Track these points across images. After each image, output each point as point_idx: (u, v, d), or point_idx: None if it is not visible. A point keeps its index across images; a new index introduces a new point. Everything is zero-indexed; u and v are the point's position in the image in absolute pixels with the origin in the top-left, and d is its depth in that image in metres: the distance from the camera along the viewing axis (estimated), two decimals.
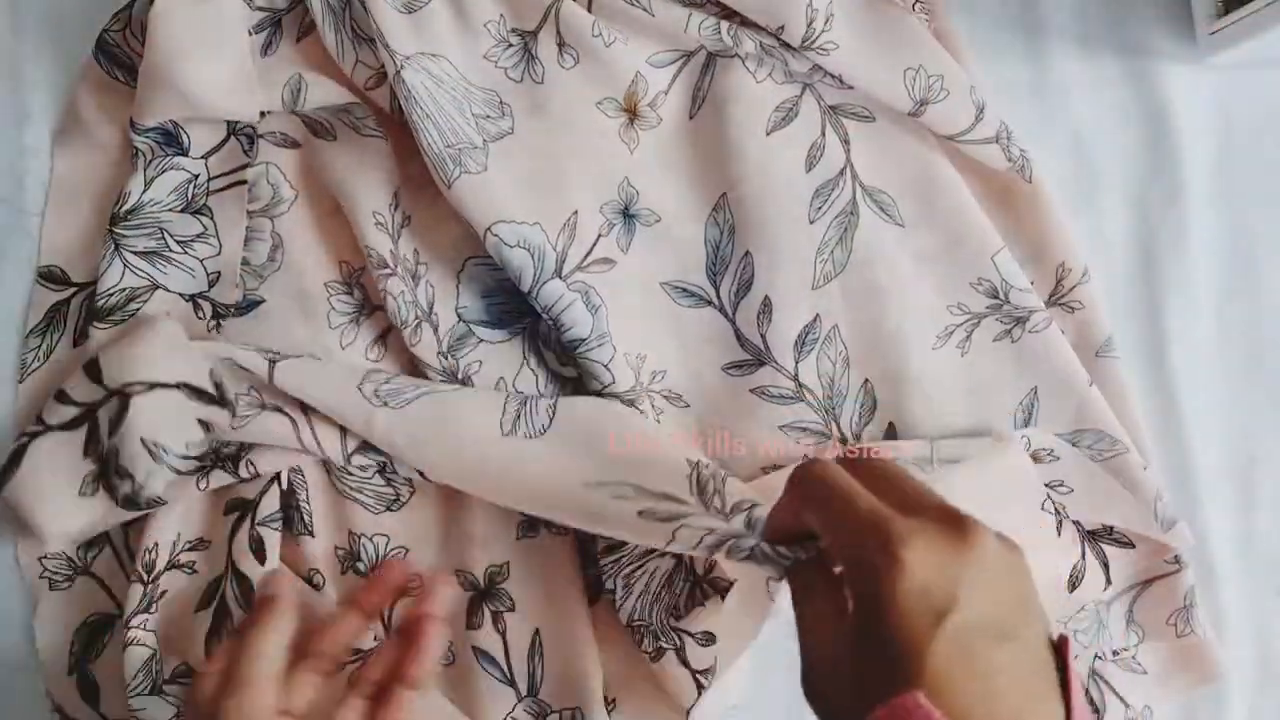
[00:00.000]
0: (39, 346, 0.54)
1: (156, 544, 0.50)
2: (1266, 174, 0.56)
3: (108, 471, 0.48)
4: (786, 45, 0.53)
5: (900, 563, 0.32)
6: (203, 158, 0.52)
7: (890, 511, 0.34)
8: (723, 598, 0.48)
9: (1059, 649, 0.33)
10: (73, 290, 0.53)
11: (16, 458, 0.48)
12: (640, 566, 0.50)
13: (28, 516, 0.49)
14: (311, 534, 0.51)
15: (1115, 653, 0.52)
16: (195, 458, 0.49)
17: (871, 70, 0.51)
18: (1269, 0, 0.50)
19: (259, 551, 0.50)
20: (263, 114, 0.52)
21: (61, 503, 0.48)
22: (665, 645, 0.50)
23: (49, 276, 0.54)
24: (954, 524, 0.33)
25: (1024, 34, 0.56)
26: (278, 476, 0.51)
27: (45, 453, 0.48)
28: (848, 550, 0.34)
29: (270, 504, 0.50)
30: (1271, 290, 0.55)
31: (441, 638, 0.44)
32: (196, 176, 0.52)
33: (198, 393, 0.48)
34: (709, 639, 0.48)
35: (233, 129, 0.52)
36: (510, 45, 0.53)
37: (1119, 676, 0.52)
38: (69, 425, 0.48)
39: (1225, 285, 0.55)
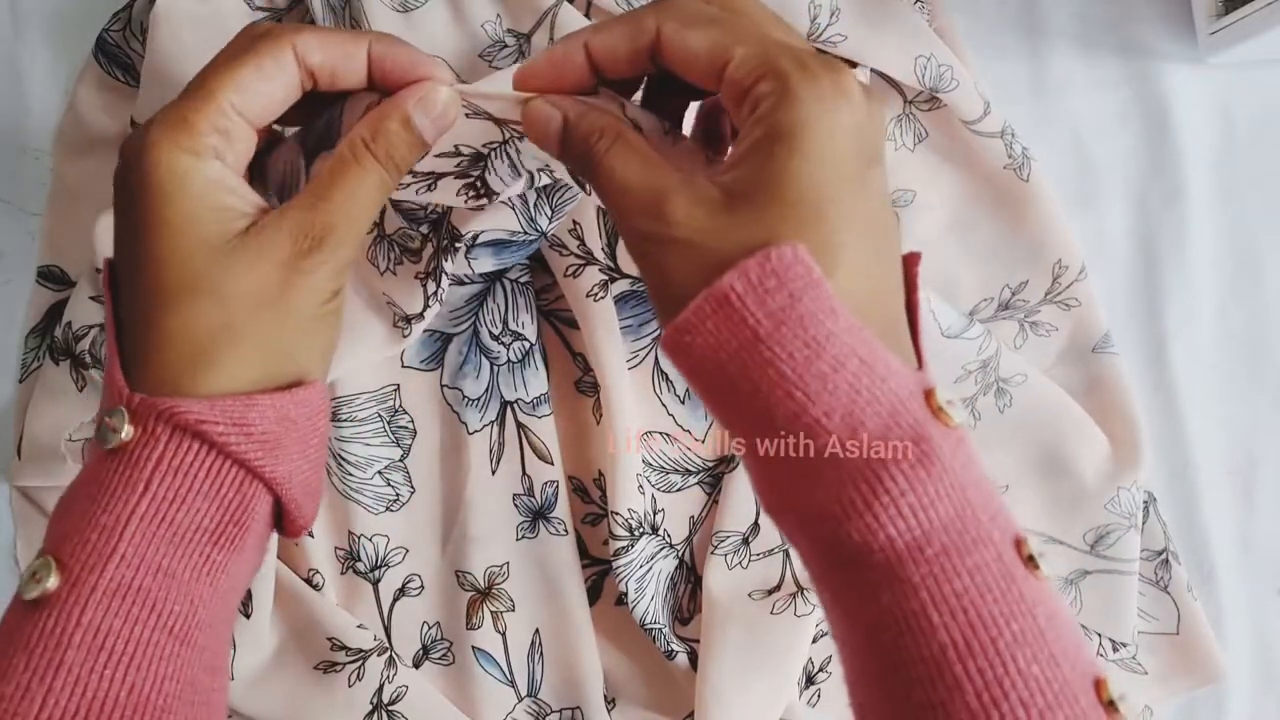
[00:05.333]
0: (38, 346, 0.54)
1: None
2: (1267, 173, 0.56)
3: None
4: None
5: (847, 95, 0.28)
6: None
7: (804, 47, 0.30)
8: None
9: (908, 262, 0.31)
10: (72, 290, 0.53)
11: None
12: (648, 570, 0.50)
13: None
14: (311, 534, 0.51)
15: (1116, 651, 0.52)
16: None
17: (883, 55, 0.51)
18: (1269, 0, 0.50)
19: None
20: None
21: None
22: (676, 649, 0.50)
23: (48, 276, 0.54)
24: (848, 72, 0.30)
25: (1024, 33, 0.56)
26: None
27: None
28: (762, 67, 0.28)
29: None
30: (1272, 289, 0.55)
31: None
32: None
33: None
34: None
35: None
36: (506, 46, 0.53)
37: (1120, 677, 0.52)
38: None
39: (1225, 284, 0.55)
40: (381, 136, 0.32)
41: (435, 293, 0.48)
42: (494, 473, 0.51)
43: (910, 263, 0.31)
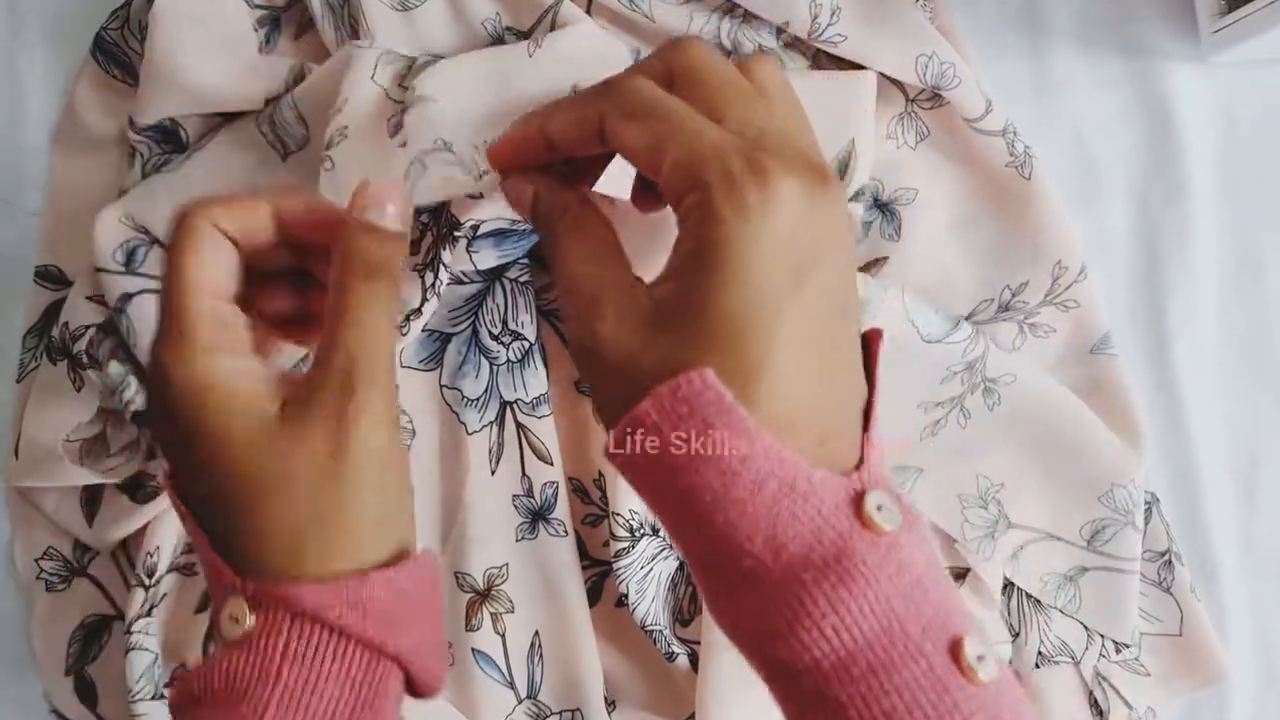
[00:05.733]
0: (36, 346, 0.53)
1: (158, 547, 0.50)
2: (1270, 172, 0.56)
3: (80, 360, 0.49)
4: (788, 45, 0.53)
5: (774, 204, 0.27)
6: None
7: (744, 141, 0.28)
8: None
9: (869, 340, 0.30)
10: (69, 290, 0.53)
11: None
12: (649, 572, 0.50)
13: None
14: None
15: (1118, 651, 0.52)
16: None
17: (884, 55, 0.51)
18: None
19: None
20: (267, 101, 0.52)
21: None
22: (677, 650, 0.49)
23: (46, 276, 0.54)
24: (809, 161, 0.29)
25: (1026, 32, 0.56)
26: None
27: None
28: (689, 179, 0.28)
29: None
30: (1275, 288, 0.55)
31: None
32: None
33: None
34: None
35: (228, 120, 0.53)
36: (505, 44, 0.52)
37: (1122, 678, 0.52)
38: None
39: (1228, 284, 0.55)
40: (353, 256, 0.32)
41: (433, 284, 0.48)
42: (493, 473, 0.51)
43: (871, 341, 0.30)
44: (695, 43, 0.31)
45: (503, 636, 0.51)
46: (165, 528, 0.50)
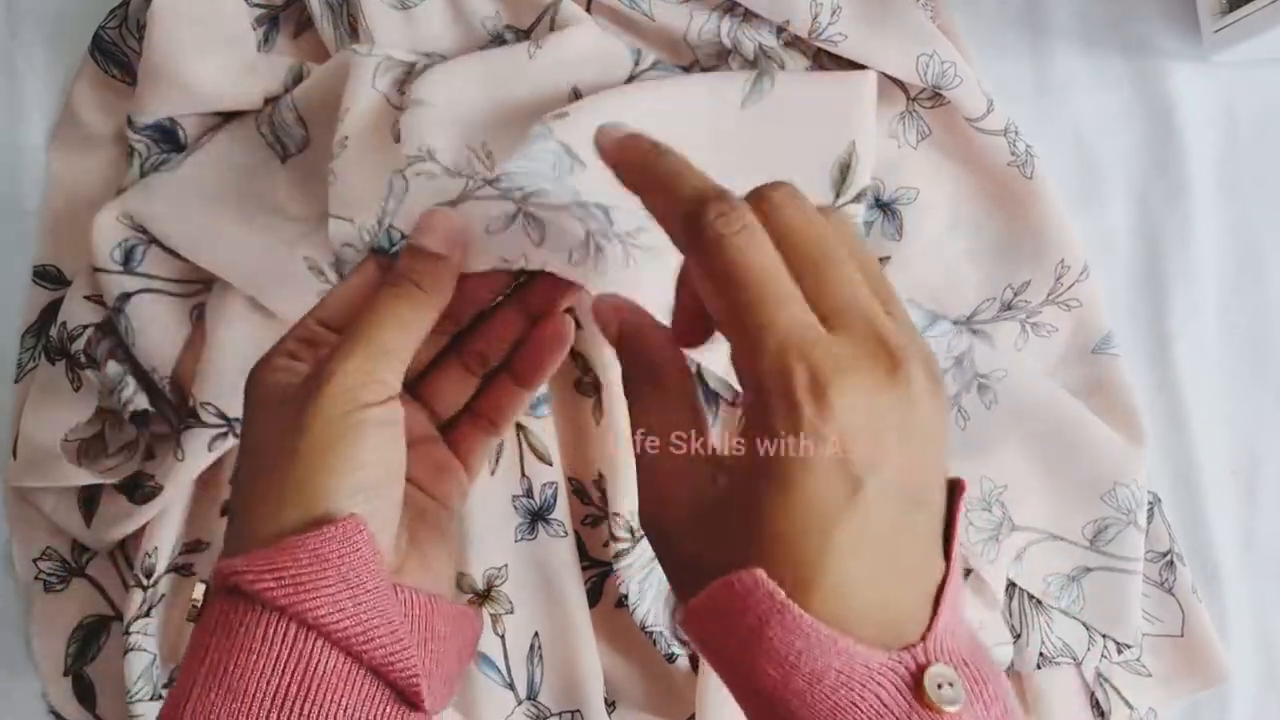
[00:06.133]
0: (34, 346, 0.53)
1: (156, 547, 0.50)
2: (1271, 171, 0.56)
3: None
4: (788, 44, 0.52)
5: (826, 415, 0.26)
6: None
7: (812, 320, 0.27)
8: None
9: (953, 492, 0.29)
10: (68, 290, 0.53)
11: None
12: (649, 572, 0.50)
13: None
14: None
15: (1120, 651, 0.52)
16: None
17: (885, 54, 0.51)
18: None
19: None
20: (266, 101, 0.52)
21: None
22: (677, 652, 0.49)
23: (44, 275, 0.54)
24: (883, 347, 0.27)
25: (1027, 32, 0.56)
26: None
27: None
28: (752, 376, 0.27)
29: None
30: (1276, 288, 0.55)
31: (570, 336, 0.38)
32: None
33: None
34: None
35: (226, 119, 0.53)
36: (504, 43, 0.52)
37: (1124, 678, 0.52)
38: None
39: (1229, 283, 0.55)
40: (391, 267, 0.34)
41: None
42: (492, 474, 0.51)
43: (954, 509, 0.29)
44: (788, 196, 0.29)
45: (502, 638, 0.51)
46: (164, 528, 0.50)
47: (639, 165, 0.31)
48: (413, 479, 0.35)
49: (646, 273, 0.43)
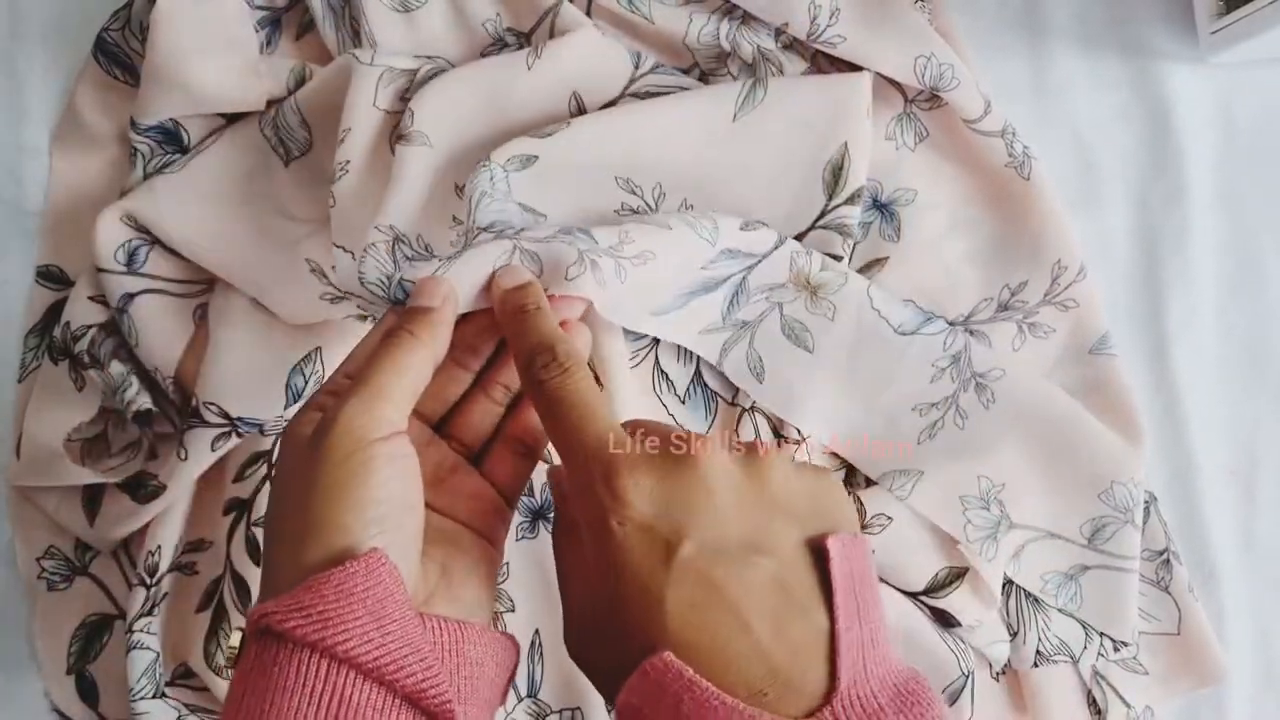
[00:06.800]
0: (37, 346, 0.53)
1: (159, 546, 0.50)
2: (1269, 173, 0.56)
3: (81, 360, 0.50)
4: (786, 46, 0.53)
5: (620, 500, 0.31)
6: None
7: (615, 428, 0.33)
8: None
9: (821, 553, 0.31)
10: (71, 290, 0.53)
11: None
12: None
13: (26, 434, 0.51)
14: None
15: (1117, 650, 0.52)
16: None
17: (883, 56, 0.51)
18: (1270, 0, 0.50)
19: (255, 553, 0.50)
20: (269, 103, 0.52)
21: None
22: None
23: (48, 276, 0.54)
24: (671, 443, 0.32)
25: (1025, 33, 0.56)
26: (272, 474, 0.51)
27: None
28: (575, 484, 0.33)
29: (266, 503, 0.50)
30: (1274, 289, 0.55)
31: (587, 343, 0.41)
32: None
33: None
34: None
35: (230, 121, 0.53)
36: (506, 45, 0.53)
37: (1121, 677, 0.52)
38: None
39: (1227, 285, 0.55)
40: (394, 323, 0.37)
41: None
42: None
43: (824, 559, 0.31)
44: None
45: None
46: (166, 527, 0.51)
47: (510, 315, 0.37)
48: (444, 510, 0.36)
49: (636, 278, 0.43)
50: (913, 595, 0.51)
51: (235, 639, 0.32)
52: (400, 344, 0.35)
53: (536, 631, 0.51)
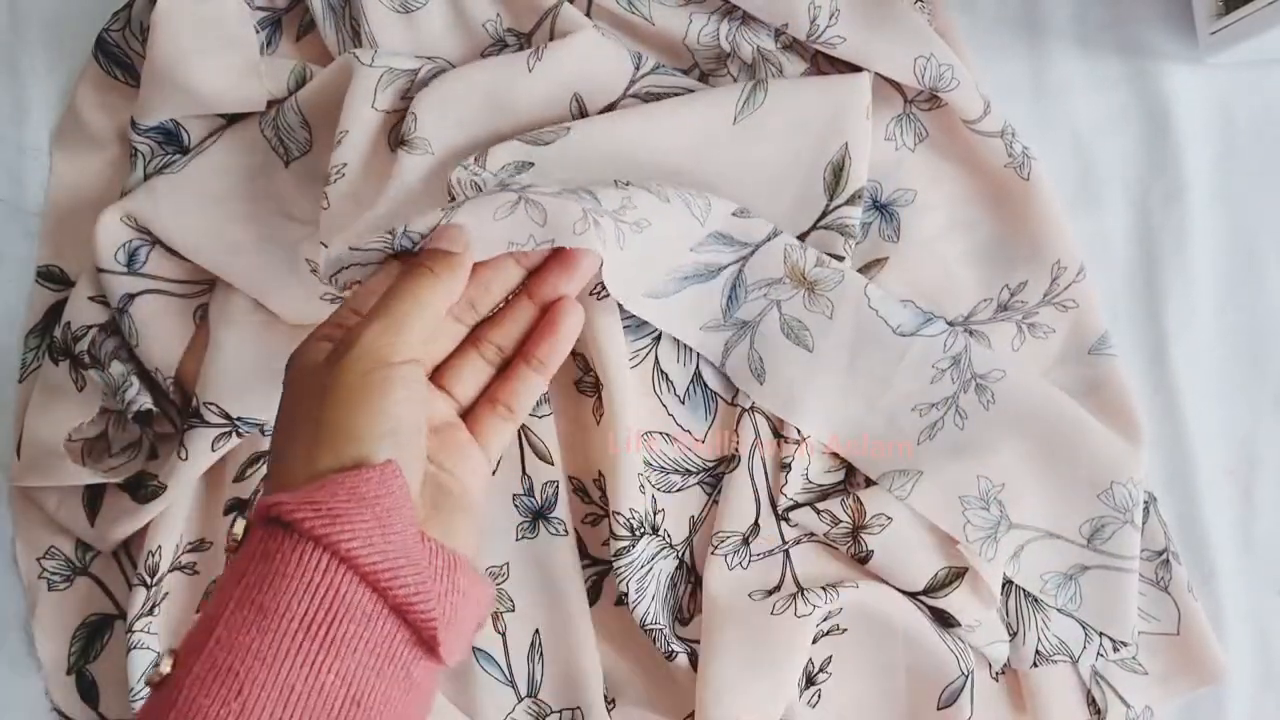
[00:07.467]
0: (38, 346, 0.54)
1: (160, 546, 0.50)
2: (1268, 173, 0.56)
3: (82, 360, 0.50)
4: (786, 47, 0.53)
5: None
6: None
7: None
8: None
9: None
10: (71, 290, 0.53)
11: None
12: (649, 571, 0.50)
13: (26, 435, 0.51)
14: None
15: (1116, 649, 0.52)
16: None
17: (883, 56, 0.51)
18: (1269, 0, 0.50)
19: None
20: (269, 103, 0.52)
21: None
22: (677, 649, 0.50)
23: (48, 276, 0.54)
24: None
25: (1024, 33, 0.56)
26: None
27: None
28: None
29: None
30: (1273, 290, 0.55)
31: (579, 320, 0.41)
32: None
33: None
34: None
35: (230, 121, 0.53)
36: (506, 45, 0.53)
37: (1120, 677, 0.52)
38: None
39: (1226, 285, 0.55)
40: (413, 259, 0.38)
41: None
42: (494, 472, 0.51)
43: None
44: None
45: (503, 635, 0.51)
46: (167, 527, 0.51)
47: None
48: (435, 459, 0.37)
49: (633, 246, 0.44)
50: (912, 595, 0.51)
51: (239, 527, 0.33)
52: (421, 278, 0.36)
53: (536, 631, 0.51)
